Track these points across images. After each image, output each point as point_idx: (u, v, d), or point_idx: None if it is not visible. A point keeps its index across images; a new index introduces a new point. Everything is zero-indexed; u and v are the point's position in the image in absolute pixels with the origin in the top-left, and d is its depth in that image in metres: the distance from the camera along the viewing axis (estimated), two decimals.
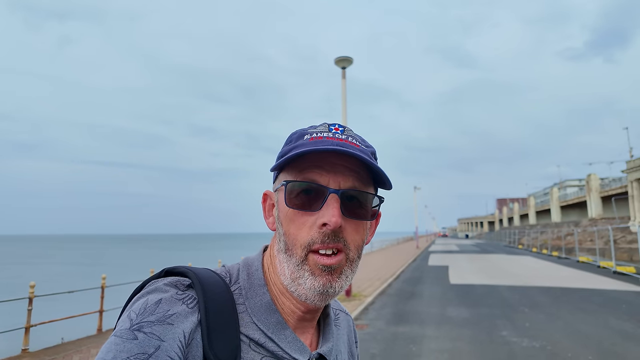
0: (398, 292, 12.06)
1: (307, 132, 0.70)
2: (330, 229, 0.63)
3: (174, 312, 0.58)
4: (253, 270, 0.71)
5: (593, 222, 41.58)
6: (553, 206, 63.65)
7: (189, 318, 0.59)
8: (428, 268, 20.10)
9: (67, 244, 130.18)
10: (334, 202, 0.64)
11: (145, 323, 0.55)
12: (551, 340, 6.55)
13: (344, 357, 0.80)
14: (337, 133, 0.69)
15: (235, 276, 0.70)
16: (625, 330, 7.21)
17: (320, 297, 0.65)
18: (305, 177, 0.65)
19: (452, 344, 6.45)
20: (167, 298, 0.59)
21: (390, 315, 8.76)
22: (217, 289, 0.64)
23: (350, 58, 11.17)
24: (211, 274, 0.67)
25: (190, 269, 0.66)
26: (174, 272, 0.66)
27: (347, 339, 0.86)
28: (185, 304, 0.60)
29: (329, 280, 0.64)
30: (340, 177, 0.65)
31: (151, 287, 0.62)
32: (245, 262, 0.73)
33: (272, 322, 0.66)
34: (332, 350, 0.73)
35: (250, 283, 0.69)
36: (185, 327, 0.57)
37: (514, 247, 44.44)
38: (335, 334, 0.78)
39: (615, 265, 17.47)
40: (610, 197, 45.94)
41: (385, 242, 46.77)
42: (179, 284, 0.63)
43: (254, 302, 0.67)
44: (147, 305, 0.58)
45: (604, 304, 9.80)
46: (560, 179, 79.59)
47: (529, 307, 9.40)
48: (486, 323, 7.86)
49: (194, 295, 0.62)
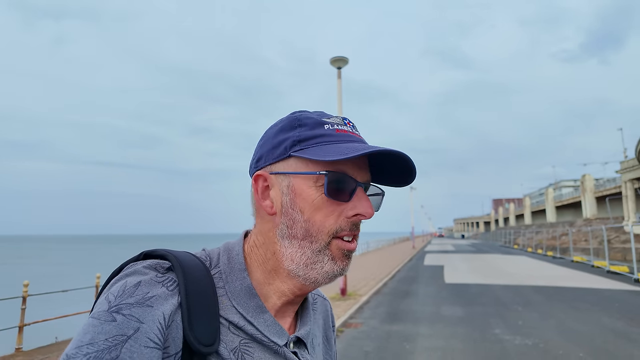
0: (393, 291, 12.10)
1: (325, 122, 0.69)
2: (363, 219, 0.67)
3: (154, 295, 0.57)
4: (234, 255, 0.70)
5: (588, 222, 41.84)
6: (548, 206, 64.03)
7: (169, 300, 0.58)
8: (424, 268, 20.17)
9: (63, 244, 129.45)
10: (364, 195, 0.68)
11: (124, 305, 0.55)
12: (544, 338, 6.61)
13: (318, 340, 0.81)
14: (352, 128, 0.72)
15: (215, 260, 0.70)
16: (616, 329, 7.28)
17: (331, 280, 0.68)
18: (339, 169, 0.66)
19: (445, 342, 6.49)
20: (146, 280, 0.59)
21: (385, 314, 8.80)
22: (197, 272, 0.64)
23: (345, 58, 11.20)
24: (191, 257, 0.67)
25: (170, 252, 0.65)
26: (153, 254, 0.65)
27: (323, 323, 0.87)
28: (165, 287, 0.59)
29: (347, 264, 0.68)
30: (363, 171, 0.69)
31: (130, 269, 0.61)
32: (226, 247, 0.73)
33: (251, 306, 0.66)
34: (309, 334, 0.75)
35: (230, 267, 0.69)
36: (165, 310, 0.57)
37: (509, 247, 44.63)
38: (312, 317, 0.79)
39: (608, 264, 17.61)
40: (605, 197, 46.26)
41: (382, 242, 46.83)
42: (159, 266, 0.62)
43: (234, 286, 0.67)
44: (126, 288, 0.57)
45: (596, 303, 9.88)
46: (555, 180, 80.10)
47: (522, 306, 9.47)
48: (479, 321, 7.91)
49: (174, 277, 0.61)
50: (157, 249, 0.66)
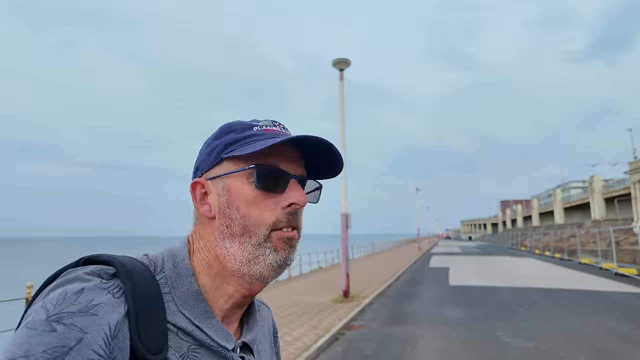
0: (397, 293, 12.07)
1: (255, 125, 0.73)
2: (298, 207, 0.69)
3: (99, 302, 0.54)
4: (179, 260, 0.69)
5: (596, 224, 41.33)
6: (556, 208, 63.37)
7: (116, 309, 0.55)
8: (429, 270, 20.07)
9: (69, 246, 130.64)
10: (297, 185, 0.70)
11: (66, 314, 0.51)
12: (545, 341, 6.56)
13: (264, 347, 0.82)
14: (282, 129, 0.75)
15: (160, 265, 0.68)
16: (621, 331, 7.20)
17: (277, 272, 0.69)
18: (268, 163, 0.69)
19: (445, 344, 6.46)
20: (90, 287, 0.55)
21: (387, 316, 8.78)
22: (143, 278, 0.62)
23: (347, 60, 11.22)
24: (136, 262, 0.64)
25: (114, 257, 0.62)
26: (95, 260, 0.62)
27: (268, 331, 0.87)
28: (111, 294, 0.56)
29: (289, 253, 0.69)
30: (295, 165, 0.72)
31: (69, 276, 0.57)
32: (170, 252, 0.71)
33: (199, 311, 0.66)
34: (255, 339, 0.75)
35: (177, 272, 0.67)
36: (112, 319, 0.54)
37: (516, 249, 44.25)
38: (259, 324, 0.81)
39: (617, 266, 17.39)
40: (614, 198, 45.68)
41: (388, 244, 46.69)
42: (103, 272, 0.59)
43: (181, 291, 0.66)
44: (67, 295, 0.53)
45: (602, 305, 9.78)
46: (563, 181, 79.14)
47: (526, 308, 9.39)
48: (482, 324, 7.87)
49: (119, 284, 0.58)
50: (99, 254, 0.63)
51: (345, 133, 11.27)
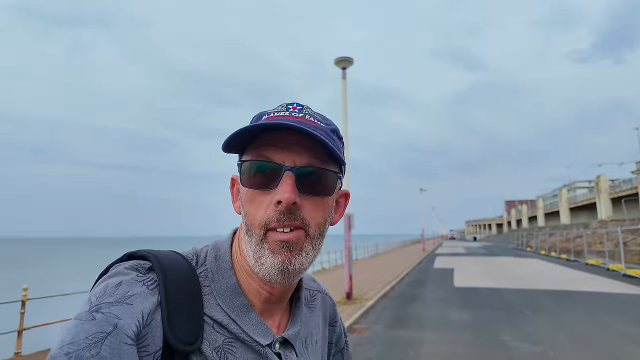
0: (400, 295, 11.89)
1: (266, 113, 0.69)
2: (284, 206, 0.63)
3: (134, 293, 0.58)
4: (221, 253, 0.71)
5: (603, 224, 40.89)
6: (562, 208, 62.85)
7: (149, 299, 0.59)
8: (433, 271, 19.86)
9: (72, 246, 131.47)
10: (288, 179, 0.64)
11: (104, 304, 0.56)
12: (554, 346, 6.36)
13: (315, 338, 0.79)
14: (295, 112, 0.68)
15: (202, 259, 0.70)
16: (631, 335, 6.98)
17: (282, 275, 0.65)
18: (260, 156, 0.65)
19: (450, 348, 6.28)
20: (127, 280, 0.60)
21: (391, 318, 8.61)
22: (179, 271, 0.64)
23: (350, 58, 11.06)
24: (175, 256, 0.67)
25: (152, 252, 0.66)
26: (135, 255, 0.66)
27: (323, 319, 0.85)
28: (146, 285, 0.60)
29: (287, 257, 0.64)
30: (295, 154, 0.65)
31: (113, 271, 0.62)
32: (214, 246, 0.73)
33: (237, 305, 0.67)
34: (298, 334, 0.73)
35: (217, 266, 0.69)
36: (145, 307, 0.58)
37: (522, 249, 43.88)
38: (306, 316, 0.78)
39: (624, 268, 17.11)
40: (621, 198, 45.19)
41: (392, 245, 46.45)
42: (140, 267, 0.63)
43: (220, 284, 0.67)
44: (107, 288, 0.58)
45: (611, 308, 9.55)
46: (569, 181, 78.50)
47: (532, 311, 9.18)
48: (487, 327, 7.67)
49: (154, 277, 0.62)
50: (139, 250, 0.67)
51: (349, 132, 11.13)
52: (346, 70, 11.32)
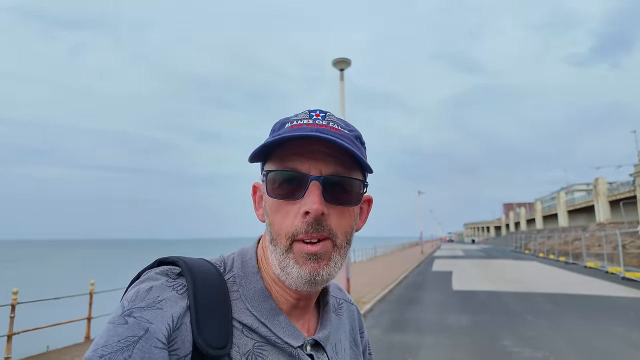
0: (398, 299, 11.77)
1: (289, 120, 0.69)
2: (312, 217, 0.62)
3: (164, 298, 0.60)
4: (247, 259, 0.72)
5: (601, 227, 40.87)
6: (560, 211, 62.85)
7: (179, 303, 0.60)
8: (431, 274, 19.76)
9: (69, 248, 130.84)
10: (315, 189, 0.63)
11: (136, 309, 0.58)
12: (554, 351, 6.25)
13: (344, 346, 0.79)
14: (318, 119, 0.68)
15: (229, 265, 0.72)
16: (632, 340, 6.88)
17: (309, 286, 0.65)
18: (285, 166, 0.65)
19: (449, 354, 6.17)
20: (157, 286, 0.61)
21: (388, 322, 8.49)
22: (208, 277, 0.65)
23: (347, 60, 10.98)
24: (204, 262, 0.69)
25: (181, 258, 0.67)
26: (165, 261, 0.68)
27: (351, 328, 0.85)
28: (175, 290, 0.62)
29: (315, 269, 0.64)
30: (322, 163, 0.65)
31: (144, 276, 0.64)
32: (240, 252, 0.74)
33: (265, 308, 0.67)
34: (328, 337, 0.73)
35: (244, 271, 0.70)
36: (174, 312, 0.59)
37: (520, 252, 43.82)
38: (334, 322, 0.79)
39: (623, 271, 17.05)
40: (619, 201, 45.19)
41: (390, 248, 46.31)
42: (170, 272, 0.65)
43: (248, 289, 0.68)
44: (139, 293, 0.60)
45: (611, 312, 9.45)
46: (567, 183, 78.52)
47: (532, 315, 9.08)
48: (487, 331, 7.56)
49: (183, 282, 0.63)
50: (170, 256, 0.68)
51: None
52: (344, 72, 11.23)
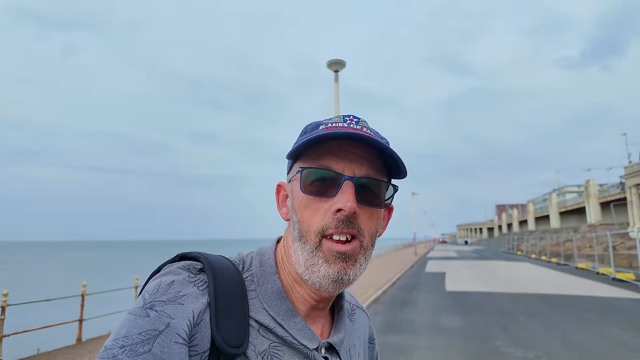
0: (392, 300, 11.79)
1: (323, 123, 0.71)
2: (345, 214, 0.63)
3: (185, 293, 0.60)
4: (265, 259, 0.72)
5: (592, 228, 41.29)
6: (552, 212, 63.40)
7: (200, 299, 0.60)
8: (425, 275, 19.84)
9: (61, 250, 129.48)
10: (349, 188, 0.65)
11: (157, 302, 0.58)
12: (547, 351, 6.29)
13: (357, 351, 0.80)
14: (352, 124, 0.70)
15: (248, 264, 0.72)
16: (623, 340, 6.95)
17: (335, 285, 0.66)
18: (320, 164, 0.66)
19: (443, 355, 6.18)
20: (179, 280, 0.61)
21: (382, 323, 8.50)
22: (228, 275, 0.66)
23: (342, 61, 11.01)
24: (224, 260, 0.69)
25: (203, 254, 0.68)
26: (187, 256, 0.68)
27: (363, 336, 0.86)
28: (197, 287, 0.62)
29: (343, 268, 0.65)
30: (355, 165, 0.66)
31: (165, 270, 0.64)
32: (259, 251, 0.74)
33: (282, 309, 0.67)
34: (343, 341, 0.73)
35: (262, 271, 0.70)
36: (195, 308, 0.59)
37: (512, 253, 44.14)
38: (349, 327, 0.79)
39: (614, 271, 17.24)
40: (609, 203, 45.71)
41: (384, 249, 46.38)
42: (192, 267, 0.65)
43: (265, 288, 0.68)
44: (160, 286, 0.60)
45: (602, 312, 9.54)
46: (559, 185, 79.23)
47: (525, 316, 9.14)
48: (480, 332, 7.60)
49: (204, 278, 0.64)
50: (191, 251, 0.69)
51: None
52: (338, 74, 11.26)
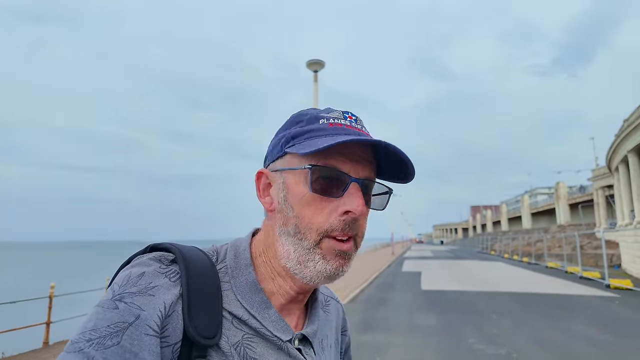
0: (368, 299, 11.87)
1: (322, 117, 0.69)
2: (354, 216, 0.64)
3: (156, 285, 0.59)
4: (240, 251, 0.71)
5: (561, 229, 42.75)
6: (524, 213, 65.30)
7: (171, 290, 0.59)
8: (401, 274, 20.08)
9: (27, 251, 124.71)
10: (357, 191, 0.65)
11: (127, 294, 0.56)
12: (517, 348, 6.46)
13: (329, 342, 0.80)
14: (352, 122, 0.70)
15: (222, 255, 0.71)
16: (589, 336, 7.21)
17: (327, 280, 0.66)
18: (328, 163, 0.65)
19: (417, 353, 6.26)
20: (150, 271, 0.60)
21: (358, 323, 8.55)
22: (201, 266, 0.65)
23: (321, 61, 11.01)
24: (197, 251, 0.68)
25: (175, 245, 0.67)
26: (159, 247, 0.67)
27: (335, 326, 0.86)
28: (168, 277, 0.61)
29: (341, 265, 0.66)
30: (360, 166, 0.67)
31: (136, 261, 0.63)
32: (234, 243, 0.74)
33: (256, 301, 0.67)
34: (316, 333, 0.74)
35: (236, 262, 0.70)
36: (167, 299, 0.58)
37: (486, 253, 45.18)
38: (322, 318, 0.79)
39: (581, 270, 17.89)
40: (578, 204, 47.45)
41: (362, 249, 46.52)
42: (163, 258, 0.64)
43: (239, 280, 0.68)
44: (130, 278, 0.59)
45: (570, 310, 9.88)
46: (531, 187, 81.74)
47: (497, 314, 9.37)
48: (454, 330, 7.74)
49: (177, 269, 0.63)
50: (163, 242, 0.68)
51: None
52: (318, 74, 11.26)
